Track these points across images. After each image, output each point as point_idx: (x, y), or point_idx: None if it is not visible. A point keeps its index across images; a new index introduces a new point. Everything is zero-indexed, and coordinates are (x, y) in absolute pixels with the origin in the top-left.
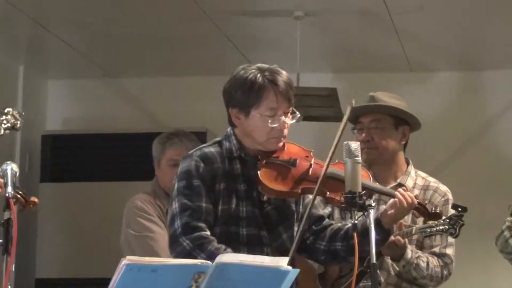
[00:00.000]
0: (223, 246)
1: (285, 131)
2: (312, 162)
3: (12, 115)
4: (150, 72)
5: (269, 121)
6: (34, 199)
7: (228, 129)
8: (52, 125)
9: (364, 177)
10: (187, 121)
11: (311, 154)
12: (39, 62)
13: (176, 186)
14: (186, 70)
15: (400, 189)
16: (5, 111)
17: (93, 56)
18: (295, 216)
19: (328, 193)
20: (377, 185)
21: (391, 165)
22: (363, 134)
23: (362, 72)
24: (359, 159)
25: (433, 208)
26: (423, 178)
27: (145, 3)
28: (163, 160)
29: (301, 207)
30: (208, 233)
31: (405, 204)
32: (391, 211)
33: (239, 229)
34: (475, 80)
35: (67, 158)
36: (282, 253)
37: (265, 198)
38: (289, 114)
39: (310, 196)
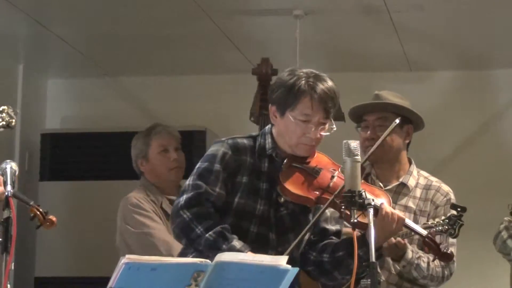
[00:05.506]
0: (221, 227)
1: (317, 141)
2: (336, 175)
3: (7, 113)
4: (149, 71)
5: (302, 126)
6: (52, 218)
7: (267, 127)
8: (52, 124)
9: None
10: (187, 120)
11: (339, 169)
12: (39, 61)
13: (197, 165)
14: (186, 69)
15: (385, 205)
16: (0, 109)
17: (92, 55)
18: None
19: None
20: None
21: (394, 164)
22: (368, 132)
23: (362, 71)
24: (359, 158)
25: (446, 248)
26: (425, 177)
27: (145, 2)
28: (151, 151)
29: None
30: (213, 210)
31: (389, 220)
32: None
33: (250, 226)
34: (475, 80)
35: (67, 156)
36: None
37: (282, 200)
38: (326, 126)
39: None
